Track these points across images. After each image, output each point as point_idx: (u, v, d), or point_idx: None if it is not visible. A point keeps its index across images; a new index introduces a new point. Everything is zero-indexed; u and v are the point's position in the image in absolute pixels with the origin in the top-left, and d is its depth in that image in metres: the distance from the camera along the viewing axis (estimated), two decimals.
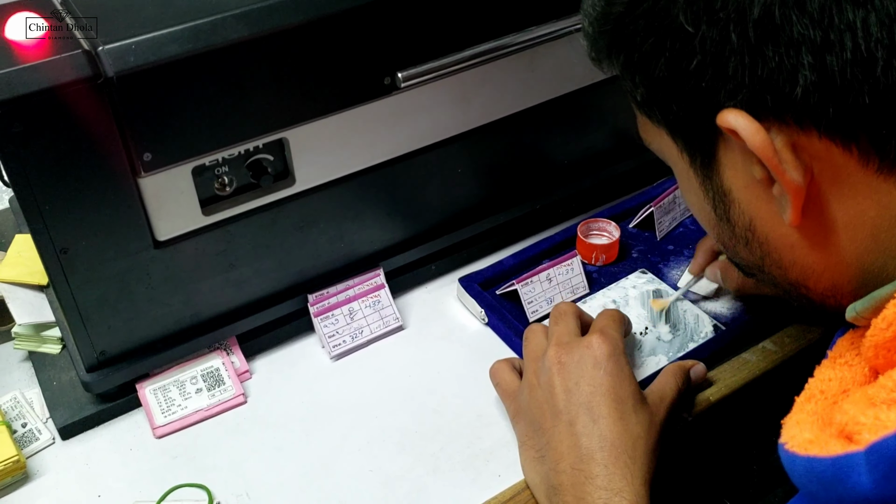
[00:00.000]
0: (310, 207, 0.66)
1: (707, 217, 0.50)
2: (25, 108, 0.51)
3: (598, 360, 0.58)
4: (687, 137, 0.46)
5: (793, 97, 0.38)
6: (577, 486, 0.54)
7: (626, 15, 0.43)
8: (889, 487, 0.34)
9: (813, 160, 0.40)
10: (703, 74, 0.40)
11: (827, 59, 0.37)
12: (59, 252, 0.57)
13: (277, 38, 0.56)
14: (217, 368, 0.67)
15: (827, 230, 0.43)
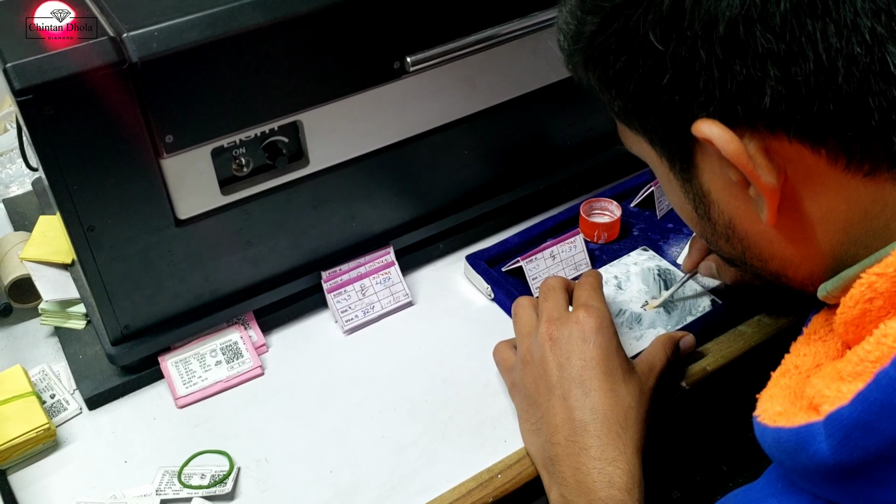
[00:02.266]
0: (323, 187, 0.69)
1: (689, 216, 0.52)
2: (56, 93, 0.53)
3: (586, 335, 0.60)
4: (665, 145, 0.48)
5: (762, 107, 0.40)
6: (572, 457, 0.57)
7: (599, 34, 0.44)
8: (844, 453, 0.36)
9: (785, 162, 0.42)
10: (675, 89, 0.42)
11: (791, 70, 0.39)
12: (86, 230, 0.60)
13: (292, 25, 0.59)
14: (235, 342, 0.70)
15: (802, 225, 0.45)
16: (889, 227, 0.41)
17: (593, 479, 0.55)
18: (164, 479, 0.62)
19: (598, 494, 0.55)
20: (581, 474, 0.56)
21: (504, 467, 0.62)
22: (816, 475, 0.38)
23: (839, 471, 0.36)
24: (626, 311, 0.73)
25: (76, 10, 0.57)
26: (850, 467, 0.36)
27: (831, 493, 0.38)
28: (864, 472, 0.35)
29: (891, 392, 0.34)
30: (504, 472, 0.61)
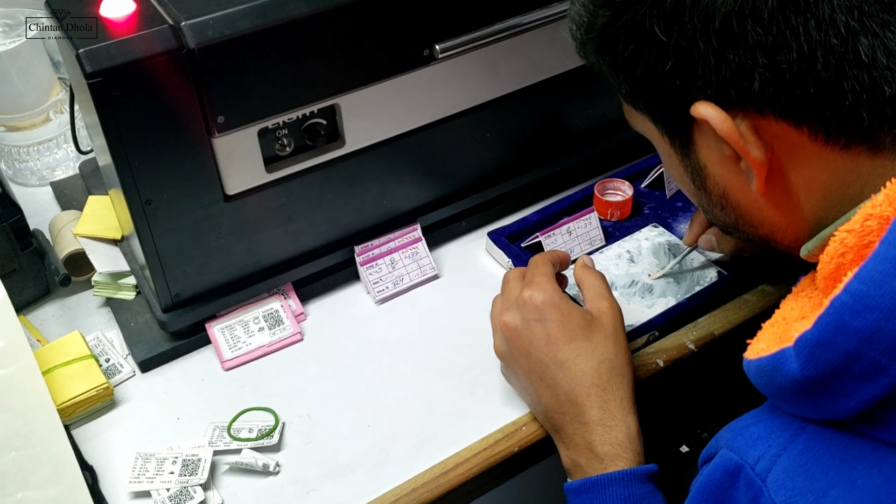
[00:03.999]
0: (357, 167, 0.74)
1: (688, 187, 0.57)
2: (121, 77, 0.59)
3: (539, 314, 0.64)
4: (666, 124, 0.53)
5: (752, 90, 0.45)
6: (569, 424, 0.61)
7: (609, 25, 0.50)
8: (810, 369, 0.42)
9: (772, 139, 0.47)
10: (676, 74, 0.48)
11: (777, 59, 0.44)
12: (144, 203, 0.65)
13: (333, 15, 0.64)
14: (276, 310, 0.76)
15: (787, 194, 0.50)
16: (863, 192, 0.46)
17: (592, 439, 0.60)
18: (215, 432, 0.67)
19: (597, 451, 0.60)
20: (580, 437, 0.61)
21: (528, 420, 0.67)
22: (791, 393, 0.43)
23: (808, 385, 0.42)
24: (639, 282, 0.79)
25: (138, 1, 0.63)
26: (816, 381, 0.41)
27: (804, 409, 0.44)
28: (828, 384, 0.41)
29: (843, 312, 0.40)
30: (528, 425, 0.67)
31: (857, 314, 0.39)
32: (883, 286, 0.39)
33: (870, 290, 0.39)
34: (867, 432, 0.42)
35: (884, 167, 0.46)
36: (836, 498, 0.40)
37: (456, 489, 0.64)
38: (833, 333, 0.40)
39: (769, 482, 0.43)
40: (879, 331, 0.39)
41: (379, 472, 0.65)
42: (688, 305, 0.75)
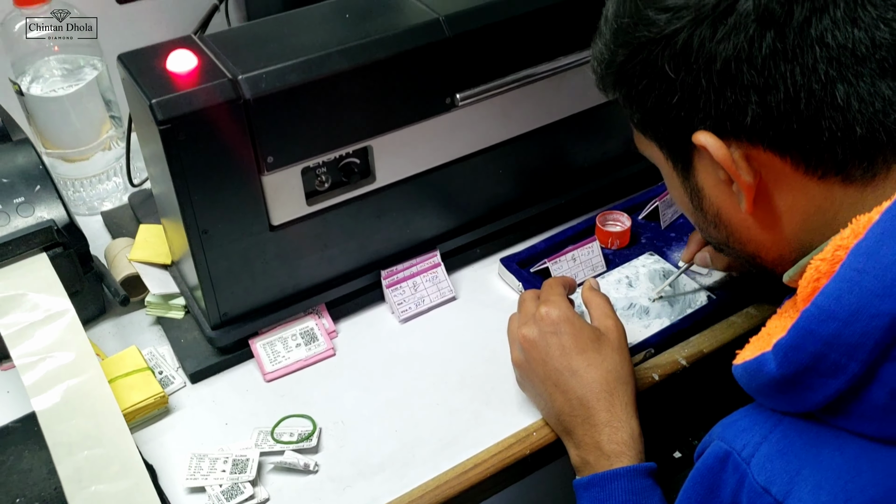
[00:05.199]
0: (385, 200, 0.83)
1: (687, 207, 0.66)
2: (187, 123, 0.68)
3: (555, 327, 0.73)
4: (671, 149, 0.62)
5: (745, 124, 0.54)
6: (580, 426, 0.70)
7: (626, 63, 0.59)
8: (784, 367, 0.50)
9: (760, 166, 0.56)
10: (681, 107, 0.56)
11: (767, 98, 0.52)
12: (201, 233, 0.74)
13: (368, 69, 0.74)
14: (312, 328, 0.84)
15: (772, 215, 0.59)
16: (836, 217, 0.55)
17: (600, 439, 0.69)
18: (259, 436, 0.76)
19: (604, 449, 0.68)
20: (589, 437, 0.70)
21: (539, 426, 0.76)
22: (770, 389, 0.52)
23: (783, 382, 0.50)
24: (636, 305, 0.87)
25: (200, 57, 0.72)
26: (789, 378, 0.50)
27: (780, 403, 0.52)
28: (799, 380, 0.49)
29: (810, 321, 0.48)
30: (538, 431, 0.75)
31: (821, 323, 0.48)
32: (841, 300, 0.47)
33: (831, 304, 0.48)
34: (832, 422, 0.50)
35: (854, 196, 0.54)
36: (806, 476, 0.49)
37: (474, 486, 0.73)
38: (803, 339, 0.49)
39: (752, 465, 0.51)
40: (839, 336, 0.47)
41: (407, 471, 0.73)
42: (680, 326, 0.84)
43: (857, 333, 0.46)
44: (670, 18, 0.55)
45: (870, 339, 0.46)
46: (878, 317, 0.46)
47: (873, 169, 0.53)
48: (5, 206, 0.80)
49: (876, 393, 0.47)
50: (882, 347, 0.46)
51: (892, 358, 0.46)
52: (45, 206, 0.81)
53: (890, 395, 0.46)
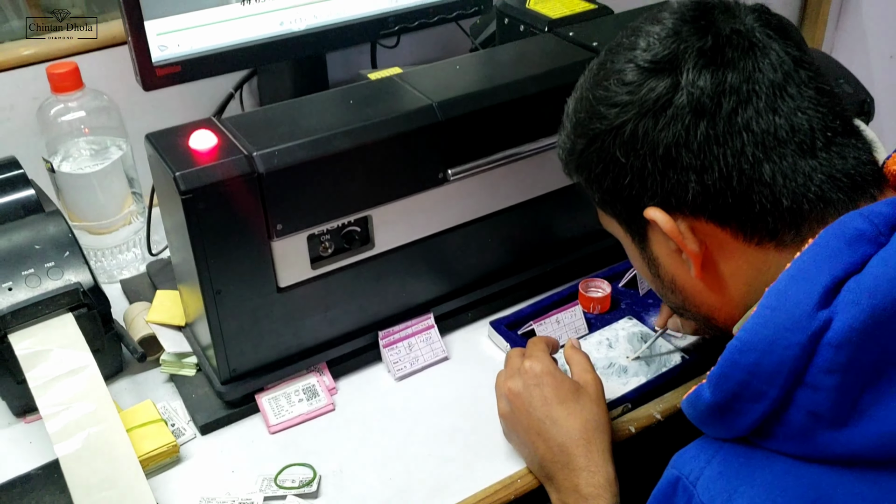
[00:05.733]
0: (383, 265, 0.91)
1: (647, 275, 0.73)
2: (207, 194, 0.76)
3: (538, 380, 0.79)
4: (628, 224, 0.70)
5: (687, 200, 0.62)
6: (560, 471, 0.76)
7: (585, 151, 0.67)
8: (716, 394, 0.57)
9: (704, 236, 0.63)
10: (633, 186, 0.64)
11: (704, 178, 0.60)
12: (215, 293, 0.82)
13: (369, 147, 0.83)
14: (313, 385, 0.91)
15: (719, 280, 0.66)
16: (775, 278, 0.62)
17: (578, 483, 0.75)
18: (263, 482, 0.82)
19: (582, 492, 0.74)
20: (568, 481, 0.75)
21: (523, 474, 0.81)
22: (707, 416, 0.58)
23: (717, 408, 0.57)
24: (616, 364, 0.94)
25: (219, 136, 0.81)
26: (721, 404, 0.56)
27: (718, 430, 0.59)
28: (729, 406, 0.56)
29: (734, 353, 0.55)
30: (523, 478, 0.81)
31: (743, 354, 0.55)
32: (758, 333, 0.54)
33: (751, 337, 0.55)
34: (762, 444, 0.57)
35: (787, 259, 0.61)
36: (742, 493, 0.55)
37: None
38: (729, 368, 0.56)
39: (698, 487, 0.57)
40: (759, 365, 0.54)
41: None
42: (656, 383, 0.91)
43: (774, 362, 0.53)
44: (618, 113, 0.64)
45: (784, 367, 0.53)
46: (790, 347, 0.53)
47: (801, 235, 0.61)
48: (37, 269, 0.87)
49: (794, 415, 0.54)
50: (795, 374, 0.53)
51: (804, 384, 0.53)
52: (72, 270, 0.89)
53: (806, 416, 0.53)
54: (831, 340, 0.52)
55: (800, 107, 0.60)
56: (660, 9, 0.66)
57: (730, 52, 0.61)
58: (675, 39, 0.62)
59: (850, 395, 0.52)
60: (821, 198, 0.60)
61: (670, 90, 0.61)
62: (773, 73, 0.61)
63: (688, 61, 0.61)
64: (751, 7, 0.64)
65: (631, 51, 0.64)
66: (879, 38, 2.03)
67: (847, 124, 0.62)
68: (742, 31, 0.61)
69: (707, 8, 0.63)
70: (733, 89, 0.60)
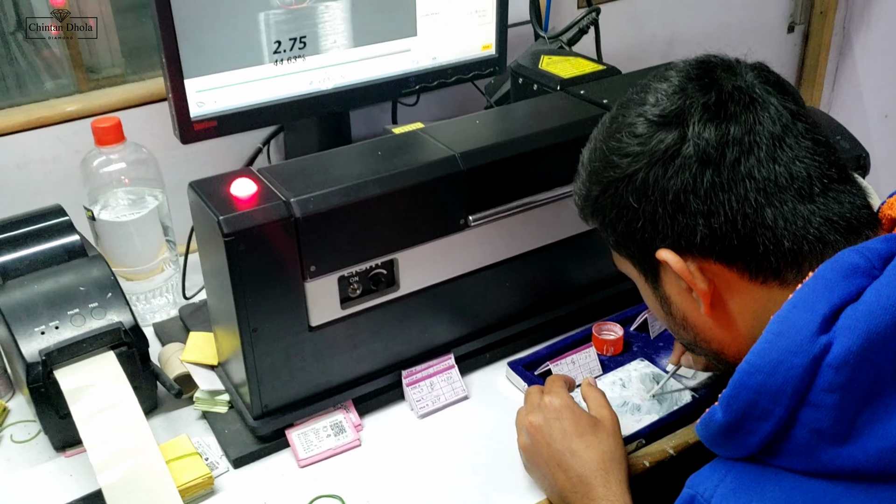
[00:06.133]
0: (407, 307, 0.96)
1: (659, 313, 0.78)
2: (247, 236, 0.82)
3: (557, 414, 0.84)
4: (641, 265, 0.75)
5: (696, 242, 0.67)
6: (580, 500, 0.79)
7: (599, 197, 0.73)
8: (727, 414, 0.61)
9: (713, 276, 0.68)
10: (645, 230, 0.70)
11: (711, 222, 0.66)
12: (251, 331, 0.87)
13: (396, 195, 0.89)
14: (340, 421, 0.95)
15: (727, 316, 0.70)
16: None
17: None
18: None
19: None
20: None
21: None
22: (719, 436, 0.63)
23: (728, 428, 0.61)
24: (629, 403, 0.98)
25: (258, 183, 0.87)
26: (732, 423, 0.61)
27: (730, 449, 0.63)
28: (739, 425, 0.60)
29: (743, 375, 0.60)
30: None
31: (750, 376, 0.60)
32: (764, 357, 0.59)
33: (757, 360, 0.59)
34: (770, 462, 0.61)
35: (790, 295, 0.67)
36: None
37: None
38: (738, 389, 0.60)
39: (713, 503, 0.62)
40: (765, 385, 0.59)
41: None
42: (668, 420, 0.95)
43: (779, 383, 0.58)
44: (630, 162, 0.69)
45: (788, 387, 0.58)
46: (793, 369, 0.57)
47: (802, 273, 0.66)
48: (82, 309, 0.92)
49: (799, 432, 0.58)
50: (799, 394, 0.58)
51: (808, 403, 0.58)
52: (114, 311, 0.94)
53: (809, 433, 0.58)
54: (831, 362, 0.57)
55: (798, 156, 0.66)
56: (666, 68, 0.73)
57: (732, 107, 0.67)
58: (681, 95, 0.68)
59: (850, 412, 0.57)
60: (819, 239, 0.65)
61: (678, 141, 0.67)
62: (773, 126, 0.66)
63: (694, 115, 0.67)
64: (751, 65, 0.70)
65: (641, 105, 0.70)
66: (875, 98, 2.12)
67: (842, 172, 0.68)
68: (743, 87, 0.68)
69: (710, 66, 0.70)
70: (736, 141, 0.66)
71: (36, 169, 1.18)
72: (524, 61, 1.24)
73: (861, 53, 2.11)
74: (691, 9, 1.84)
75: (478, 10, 1.23)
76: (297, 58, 1.10)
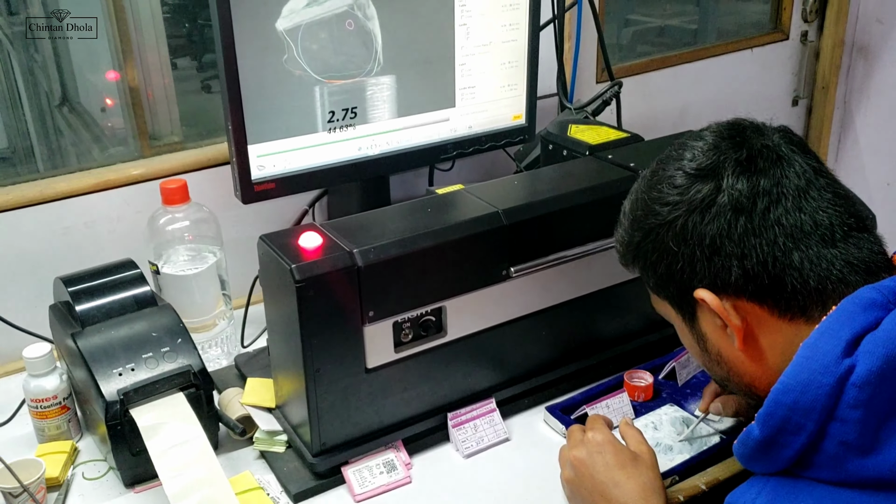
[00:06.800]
0: (453, 352, 1.03)
1: (695, 350, 0.86)
2: (316, 283, 0.90)
3: (600, 448, 0.90)
4: (679, 304, 0.82)
5: (730, 282, 0.75)
6: None
7: (641, 242, 0.81)
8: (764, 431, 0.68)
9: (746, 313, 0.76)
10: (684, 271, 0.78)
11: (744, 263, 0.74)
12: (315, 371, 0.94)
13: (446, 247, 0.97)
14: (392, 459, 1.02)
15: (759, 351, 0.78)
16: None
17: None
18: None
19: None
20: None
21: None
22: (756, 452, 0.69)
23: (764, 443, 0.68)
24: (661, 444, 1.05)
25: (323, 236, 0.95)
26: (769, 438, 0.68)
27: (766, 465, 0.70)
28: (775, 440, 0.67)
29: (777, 394, 0.67)
30: None
31: (784, 394, 0.67)
32: (796, 377, 0.66)
33: (790, 380, 0.67)
34: (803, 474, 0.68)
35: None
36: None
37: None
38: (774, 407, 0.67)
39: None
40: (797, 402, 0.66)
41: None
42: (698, 459, 1.01)
43: (809, 400, 0.65)
44: (670, 210, 0.78)
45: (818, 403, 0.65)
46: (822, 387, 0.65)
47: (826, 310, 0.73)
48: (155, 353, 1.00)
49: (828, 445, 0.65)
50: (827, 410, 0.65)
51: (835, 418, 0.65)
52: (184, 355, 1.01)
53: (837, 446, 0.65)
54: (855, 381, 0.64)
55: (820, 206, 0.74)
56: (700, 130, 0.82)
57: (761, 163, 0.76)
58: (715, 152, 0.77)
59: (873, 426, 0.64)
60: (841, 280, 0.73)
61: (714, 192, 0.75)
62: (798, 180, 0.75)
63: (727, 169, 0.76)
64: (776, 128, 0.80)
65: (679, 161, 0.79)
66: (877, 167, 2.22)
67: (861, 221, 0.76)
68: (770, 146, 0.77)
69: (741, 128, 0.79)
70: (765, 192, 0.74)
71: (102, 227, 1.27)
72: (553, 129, 1.34)
73: (862, 126, 2.22)
74: (701, 84, 1.97)
75: (510, 84, 1.34)
76: (348, 126, 1.20)
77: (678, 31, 3.16)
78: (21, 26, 1.90)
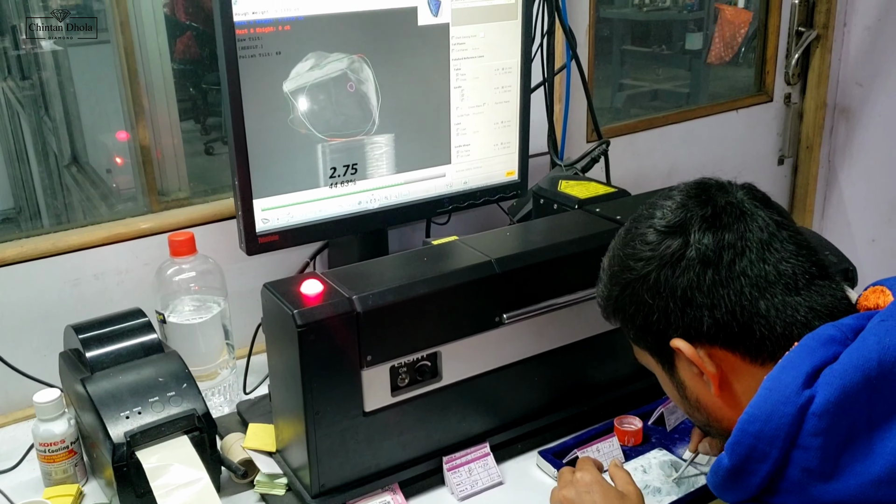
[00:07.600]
0: (448, 397, 1.07)
1: (675, 397, 0.90)
2: (317, 327, 0.95)
3: (588, 488, 0.94)
4: (658, 354, 0.87)
5: (703, 331, 0.79)
6: None
7: (619, 296, 0.86)
8: (733, 459, 0.72)
9: (719, 360, 0.81)
10: (660, 322, 0.82)
11: (714, 313, 0.79)
12: (314, 413, 0.98)
13: (442, 294, 1.02)
14: (388, 502, 1.05)
15: (734, 397, 0.82)
16: None
17: None
18: None
19: None
20: None
21: None
22: (727, 481, 0.73)
23: (734, 471, 0.72)
24: (651, 486, 1.08)
25: (324, 284, 1.00)
26: (737, 467, 0.71)
27: (735, 493, 0.73)
28: (743, 468, 0.71)
29: (743, 424, 0.71)
30: None
31: (750, 423, 0.71)
32: (760, 407, 0.70)
33: (755, 410, 0.71)
34: (769, 501, 0.71)
35: None
36: None
37: None
38: (740, 436, 0.72)
39: None
40: (762, 431, 0.70)
41: None
42: (686, 500, 1.04)
43: (773, 428, 0.69)
44: (644, 265, 0.83)
45: (781, 431, 0.69)
46: (784, 416, 0.69)
47: None
48: (161, 398, 1.04)
49: (792, 472, 0.69)
50: (791, 438, 0.69)
51: (798, 445, 0.69)
52: (189, 399, 1.05)
53: (801, 472, 0.69)
54: (815, 411, 0.68)
55: (784, 257, 0.80)
56: (669, 189, 0.88)
57: (726, 218, 0.81)
58: (683, 210, 0.82)
59: (833, 453, 0.68)
60: (806, 325, 0.78)
61: (682, 247, 0.81)
62: (761, 233, 0.80)
63: (694, 225, 0.81)
64: (740, 185, 0.85)
65: (650, 219, 0.84)
66: (862, 224, 2.29)
67: (822, 270, 0.81)
68: (734, 202, 0.82)
69: (706, 186, 0.85)
70: (730, 245, 0.80)
71: (111, 278, 1.32)
72: (545, 185, 1.40)
73: (846, 183, 2.30)
74: (688, 144, 2.04)
75: (503, 143, 1.40)
76: (348, 181, 1.26)
77: (671, 95, 3.27)
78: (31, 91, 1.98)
